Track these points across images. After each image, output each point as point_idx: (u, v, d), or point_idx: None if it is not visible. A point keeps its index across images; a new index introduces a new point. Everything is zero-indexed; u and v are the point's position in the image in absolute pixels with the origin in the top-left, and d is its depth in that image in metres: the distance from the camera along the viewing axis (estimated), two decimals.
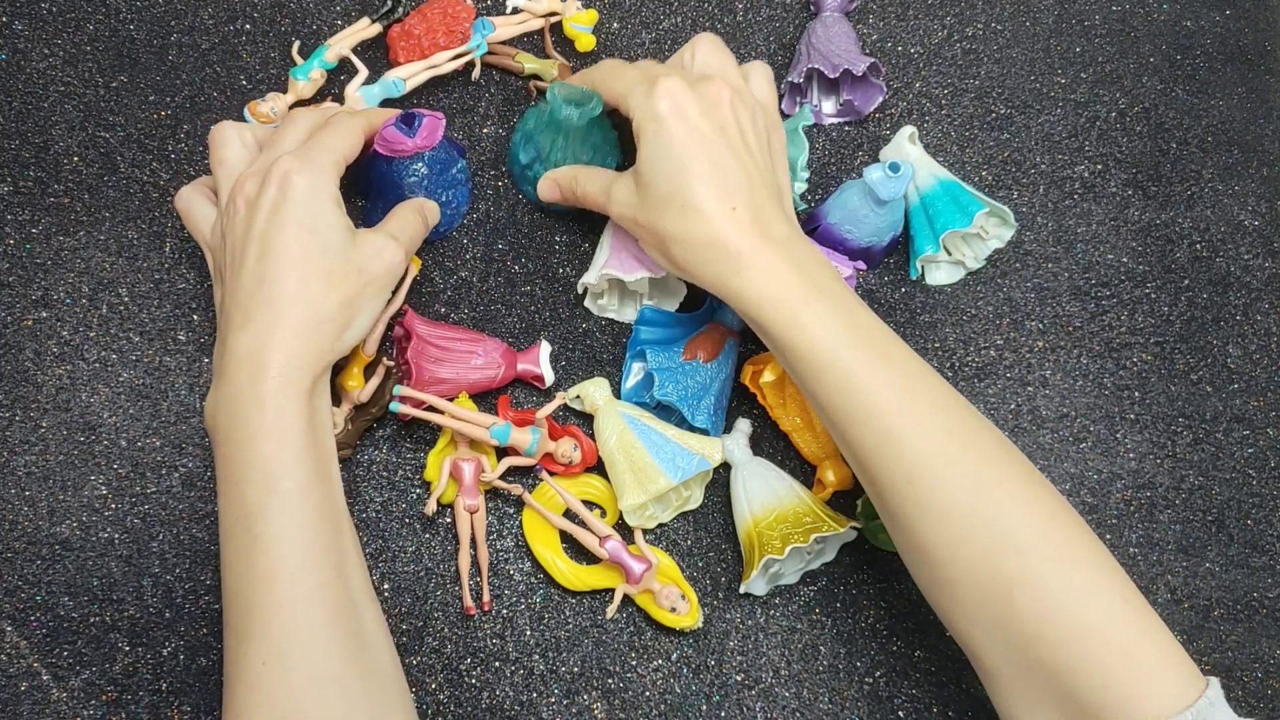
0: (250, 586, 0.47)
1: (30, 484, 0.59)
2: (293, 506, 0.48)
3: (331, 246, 0.51)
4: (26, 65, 0.66)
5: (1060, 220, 0.70)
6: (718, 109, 0.53)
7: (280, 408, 0.49)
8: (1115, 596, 0.46)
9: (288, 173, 0.51)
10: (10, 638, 0.57)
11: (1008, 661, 0.47)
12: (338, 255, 0.51)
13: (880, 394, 0.49)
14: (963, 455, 0.48)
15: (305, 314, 0.50)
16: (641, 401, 0.62)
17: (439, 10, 0.67)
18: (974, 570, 0.47)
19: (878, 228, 0.63)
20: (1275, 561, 0.65)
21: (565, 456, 0.60)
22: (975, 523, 0.47)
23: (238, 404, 0.49)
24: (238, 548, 0.48)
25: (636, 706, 0.59)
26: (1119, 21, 0.75)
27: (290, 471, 0.48)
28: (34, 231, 0.63)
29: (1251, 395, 0.68)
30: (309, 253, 0.50)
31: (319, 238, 0.51)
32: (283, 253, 0.50)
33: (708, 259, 0.51)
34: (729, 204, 0.51)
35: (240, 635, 0.47)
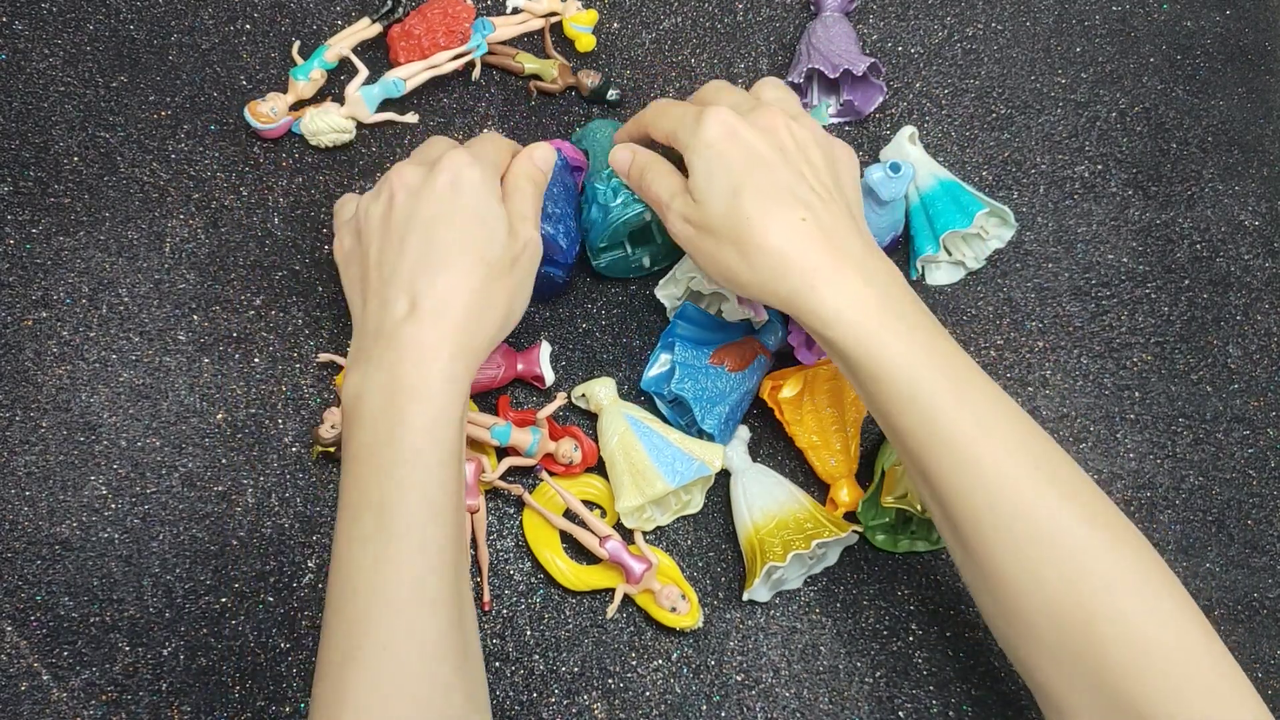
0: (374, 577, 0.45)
1: (30, 484, 0.59)
2: (435, 505, 0.46)
3: (495, 238, 0.51)
4: (26, 65, 0.66)
5: (1060, 220, 0.70)
6: (773, 133, 0.51)
7: (445, 402, 0.47)
8: (1197, 632, 0.45)
9: (463, 164, 0.51)
10: (10, 638, 0.57)
11: (1082, 696, 0.45)
12: (501, 246, 0.51)
13: (962, 422, 0.47)
14: (1048, 487, 0.46)
15: (472, 306, 0.49)
16: (659, 392, 0.62)
17: (439, 10, 0.67)
18: (1054, 602, 0.45)
19: (878, 228, 0.63)
20: (1275, 562, 0.65)
21: (566, 457, 0.60)
22: (1058, 554, 0.45)
23: (396, 392, 0.47)
24: (364, 535, 0.46)
25: (636, 706, 0.59)
26: (1119, 21, 0.75)
27: (434, 473, 0.47)
28: (34, 231, 0.63)
29: (1252, 395, 0.68)
30: (477, 242, 0.50)
31: (487, 229, 0.51)
32: (453, 240, 0.49)
33: (776, 275, 0.48)
34: (796, 215, 0.48)
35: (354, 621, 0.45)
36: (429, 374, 0.47)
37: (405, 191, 0.51)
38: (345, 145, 0.67)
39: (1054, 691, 0.46)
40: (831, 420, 0.62)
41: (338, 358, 0.62)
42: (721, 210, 0.50)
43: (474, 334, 0.49)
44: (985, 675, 0.60)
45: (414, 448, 0.46)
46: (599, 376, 0.62)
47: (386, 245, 0.51)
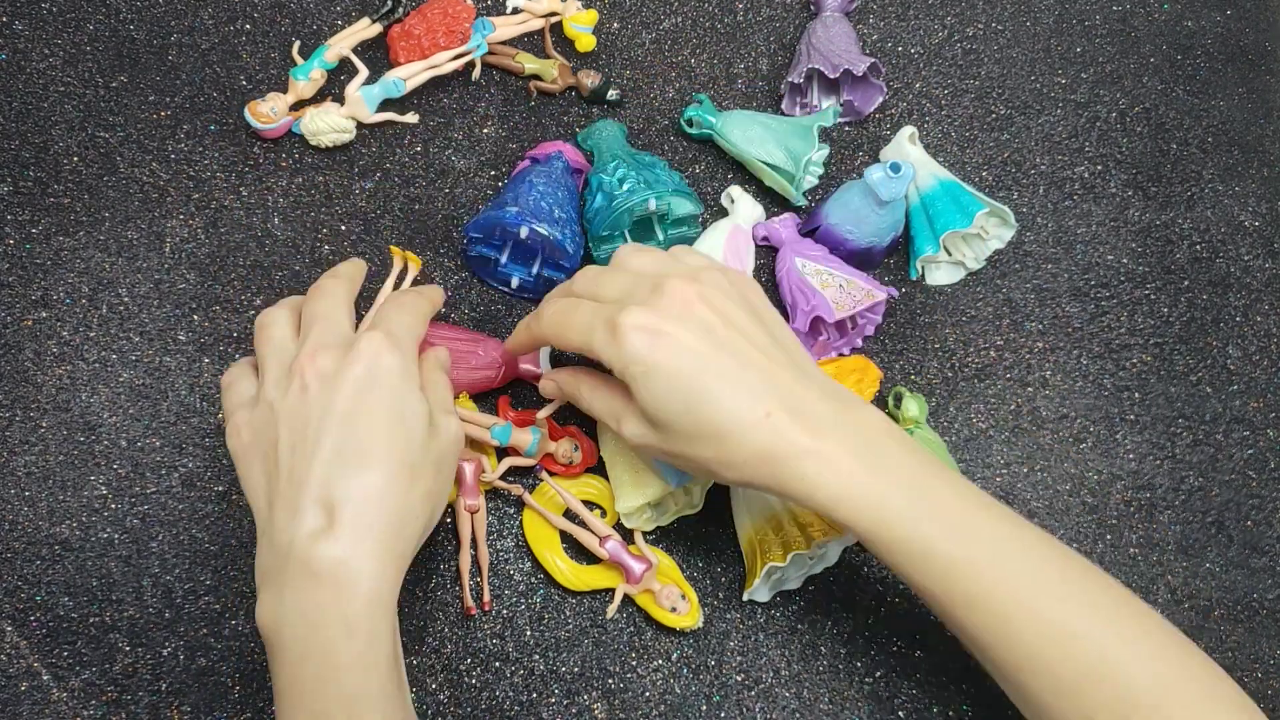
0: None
1: (30, 484, 0.59)
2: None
3: (416, 437, 0.46)
4: (26, 65, 0.66)
5: (1060, 221, 0.70)
6: (691, 313, 0.46)
7: (371, 633, 0.43)
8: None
9: (380, 352, 0.46)
10: (10, 638, 0.57)
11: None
12: (420, 448, 0.47)
13: (982, 574, 0.44)
14: (1084, 624, 0.44)
15: (393, 516, 0.45)
16: None
17: (439, 10, 0.67)
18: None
19: (878, 228, 0.63)
20: (1275, 562, 0.65)
21: (566, 456, 0.60)
22: (1107, 689, 0.44)
23: (319, 625, 0.43)
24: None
25: (636, 707, 0.59)
26: (1119, 21, 0.75)
27: (376, 704, 0.43)
28: (34, 231, 0.63)
29: (1251, 396, 0.68)
30: (396, 444, 0.46)
31: (406, 428, 0.46)
32: (371, 441, 0.45)
33: (762, 474, 0.45)
34: (762, 411, 0.45)
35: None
36: (353, 602, 0.43)
37: (318, 382, 0.46)
38: (345, 145, 0.67)
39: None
40: None
41: None
42: (681, 425, 0.46)
43: (396, 548, 0.45)
44: (985, 676, 0.60)
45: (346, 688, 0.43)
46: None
47: (299, 443, 0.45)
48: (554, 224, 0.59)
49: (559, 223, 0.59)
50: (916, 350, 0.66)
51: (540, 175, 0.62)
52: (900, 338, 0.67)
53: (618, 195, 0.60)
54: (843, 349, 0.65)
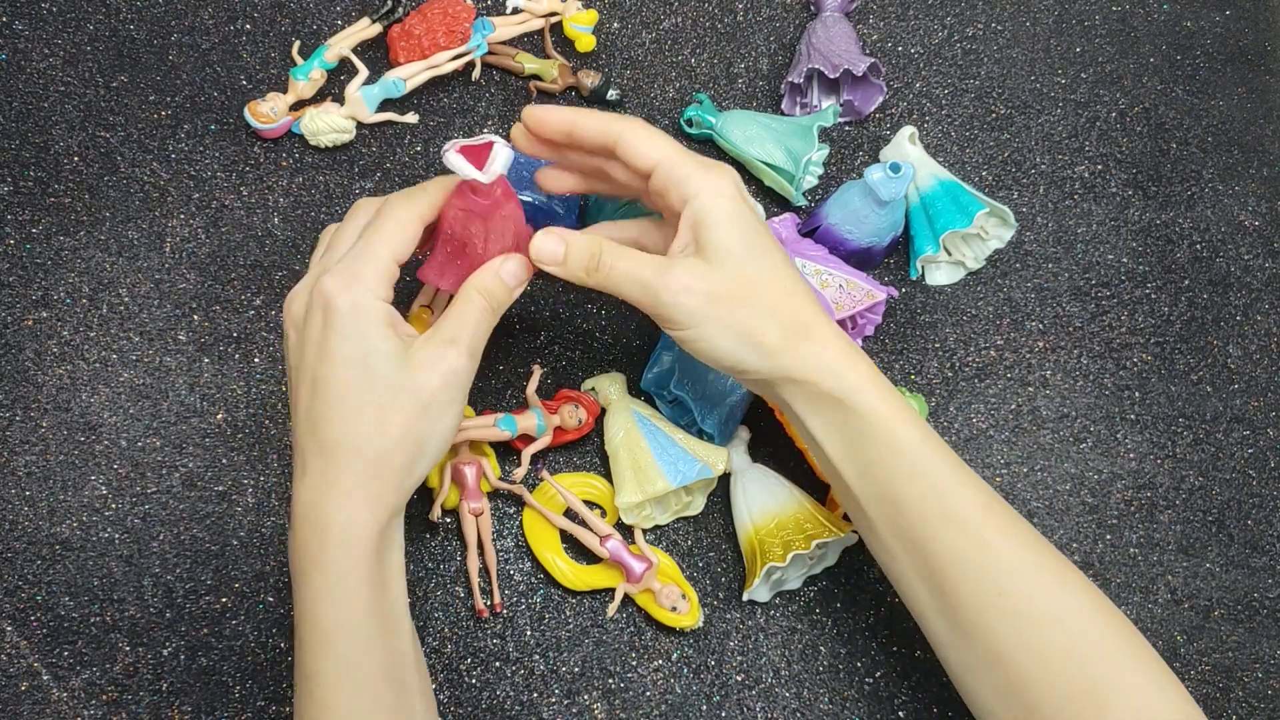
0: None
1: (30, 484, 0.59)
2: (351, 674, 0.45)
3: (379, 377, 0.46)
4: (26, 65, 0.66)
5: (1060, 220, 0.70)
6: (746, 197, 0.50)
7: (342, 570, 0.45)
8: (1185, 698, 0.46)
9: (329, 297, 0.46)
10: (10, 638, 0.57)
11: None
12: (387, 386, 0.46)
13: (969, 498, 0.47)
14: (1048, 562, 0.47)
15: (362, 461, 0.45)
16: (660, 391, 0.62)
17: (439, 10, 0.67)
18: (1063, 681, 0.45)
19: (878, 228, 0.63)
20: (1275, 562, 0.65)
21: (573, 418, 0.60)
22: (1064, 632, 0.46)
23: (301, 560, 0.46)
24: (300, 703, 0.46)
25: (637, 706, 0.59)
26: (1119, 21, 0.75)
27: (348, 635, 0.45)
28: (34, 231, 0.63)
29: (1252, 396, 0.68)
30: (356, 388, 0.45)
31: (365, 369, 0.45)
32: (330, 392, 0.46)
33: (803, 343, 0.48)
34: (812, 299, 0.49)
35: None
36: (322, 540, 0.45)
37: (294, 331, 0.48)
38: (345, 145, 0.67)
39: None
40: None
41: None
42: (749, 274, 0.48)
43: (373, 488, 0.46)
44: None
45: (316, 618, 0.45)
46: (610, 372, 0.63)
47: (292, 392, 0.48)
48: (536, 190, 0.58)
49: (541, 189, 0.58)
50: (916, 350, 0.66)
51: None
52: (900, 338, 0.67)
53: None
54: None
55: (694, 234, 0.48)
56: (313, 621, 0.45)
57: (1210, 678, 0.61)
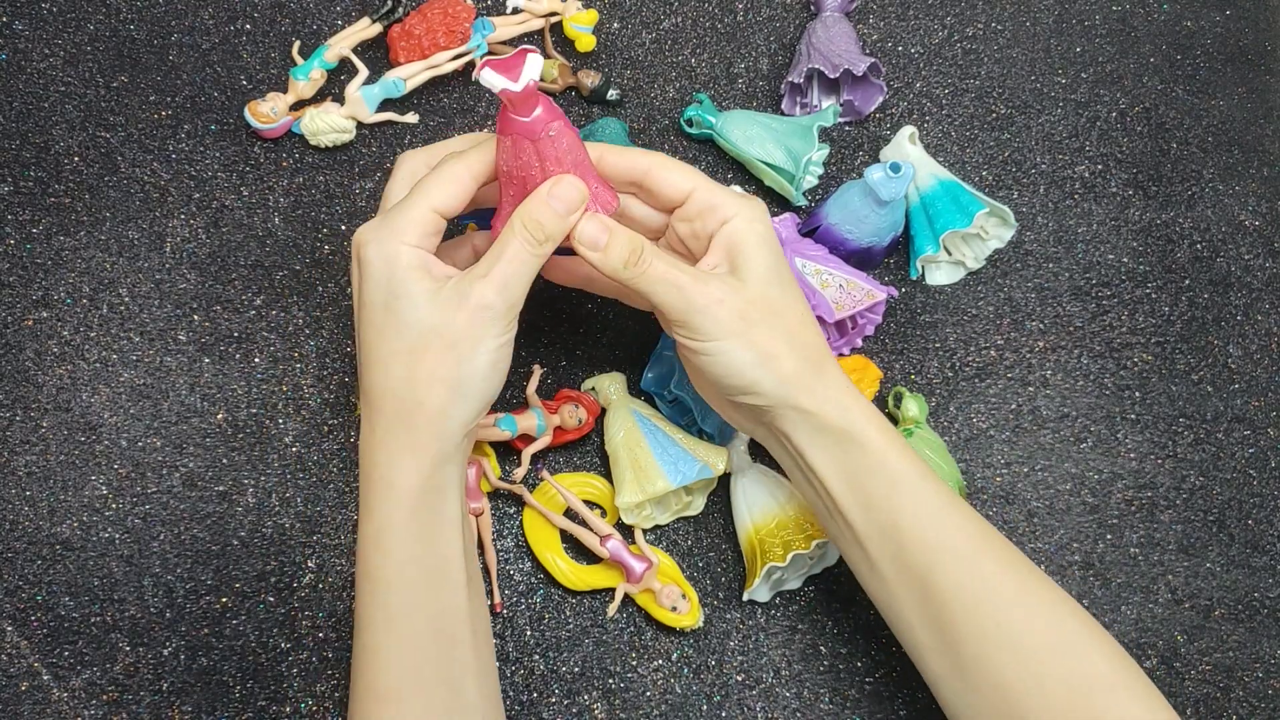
0: (361, 701, 0.46)
1: (30, 484, 0.59)
2: (398, 622, 0.46)
3: (407, 321, 0.45)
4: (27, 65, 0.66)
5: (1060, 220, 0.70)
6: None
7: (384, 520, 0.46)
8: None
9: (358, 245, 0.47)
10: (11, 638, 0.57)
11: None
12: (413, 329, 0.45)
13: (968, 532, 0.48)
14: (1045, 593, 0.48)
15: (395, 405, 0.46)
16: (659, 391, 0.62)
17: (439, 10, 0.67)
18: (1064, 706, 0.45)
19: (878, 228, 0.63)
20: (1276, 562, 0.64)
21: (573, 417, 0.60)
22: (1064, 661, 0.46)
23: (360, 507, 0.47)
24: (356, 654, 0.47)
25: (637, 706, 0.59)
26: (1119, 21, 0.75)
27: (393, 585, 0.46)
28: (34, 231, 0.63)
29: (1252, 395, 0.68)
30: (386, 334, 0.46)
31: (394, 314, 0.46)
32: (365, 339, 0.47)
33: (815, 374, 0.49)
34: (815, 321, 0.51)
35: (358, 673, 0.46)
36: (368, 488, 0.47)
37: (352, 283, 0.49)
38: (345, 145, 0.67)
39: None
40: None
41: None
42: (776, 299, 0.49)
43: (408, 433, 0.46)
44: None
45: (366, 566, 0.47)
46: (610, 372, 0.63)
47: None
48: None
49: None
50: (916, 350, 0.66)
51: None
52: (900, 338, 0.67)
53: None
54: (843, 349, 0.65)
55: (728, 254, 0.49)
56: (364, 567, 0.47)
57: (1210, 677, 0.61)
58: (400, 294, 0.45)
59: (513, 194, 0.48)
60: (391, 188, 0.50)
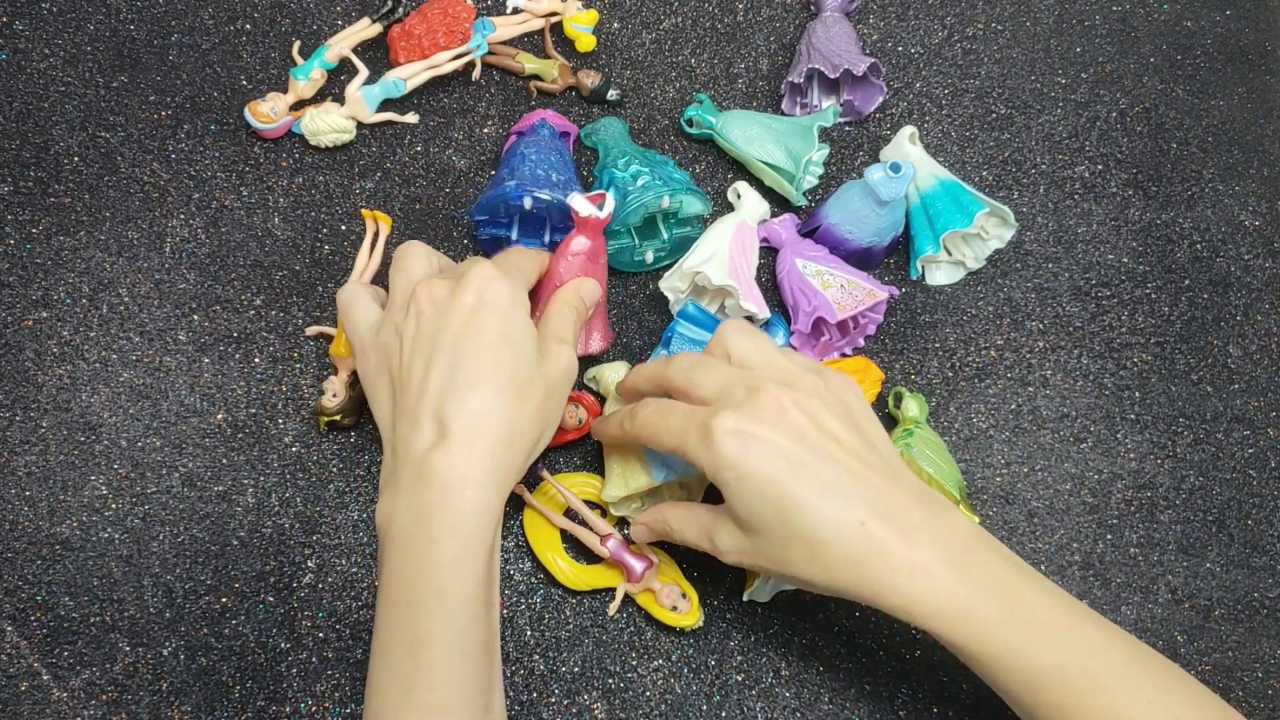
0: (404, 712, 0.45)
1: (30, 484, 0.59)
2: (463, 641, 0.46)
3: (524, 357, 0.49)
4: (27, 65, 0.66)
5: (1060, 220, 0.70)
6: (784, 419, 0.47)
7: (472, 536, 0.46)
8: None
9: (489, 279, 0.50)
10: (10, 638, 0.57)
11: None
12: (529, 366, 0.49)
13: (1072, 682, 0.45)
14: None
15: (502, 430, 0.48)
16: None
17: (439, 10, 0.67)
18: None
19: (879, 228, 0.63)
20: (1276, 562, 0.64)
21: (573, 418, 0.60)
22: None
23: (426, 523, 0.46)
24: (395, 669, 0.46)
25: (637, 706, 0.59)
26: (1119, 21, 0.75)
27: (467, 603, 0.46)
28: (34, 231, 0.63)
29: (1252, 395, 0.68)
30: (504, 364, 0.48)
31: (514, 348, 0.49)
32: (480, 361, 0.48)
33: (856, 579, 0.46)
34: (856, 519, 0.45)
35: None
36: (458, 506, 0.46)
37: (433, 307, 0.50)
38: (345, 145, 0.67)
39: None
40: None
41: (327, 329, 0.63)
42: (774, 531, 0.47)
43: (505, 460, 0.48)
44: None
45: (442, 583, 0.46)
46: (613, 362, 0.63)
47: (414, 362, 0.49)
48: (554, 188, 0.59)
49: (558, 185, 0.60)
50: (916, 350, 0.66)
51: (530, 145, 0.62)
52: (900, 338, 0.67)
53: (632, 190, 0.60)
54: (845, 349, 0.65)
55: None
56: (436, 584, 0.46)
57: (1210, 678, 0.61)
58: (525, 335, 0.50)
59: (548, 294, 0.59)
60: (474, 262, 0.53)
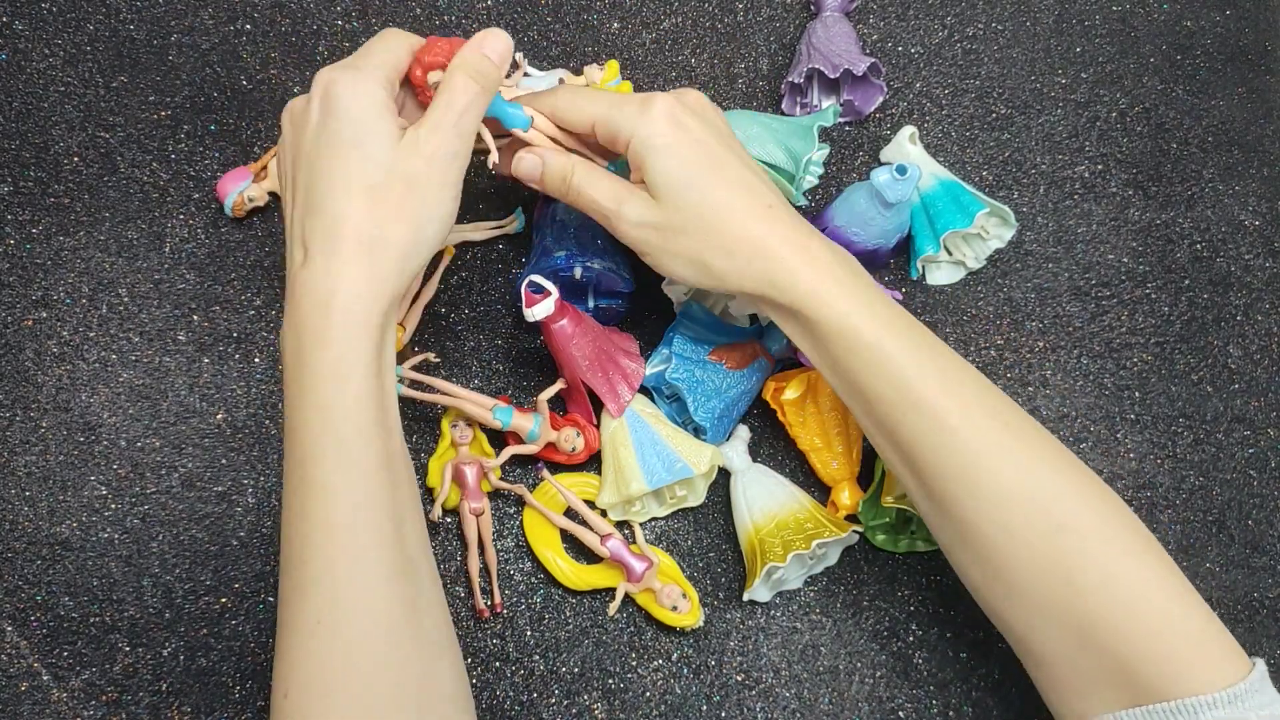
0: (305, 537, 0.45)
1: (30, 484, 0.59)
2: (351, 454, 0.45)
3: (372, 158, 0.47)
4: (26, 65, 0.66)
5: (1060, 220, 0.70)
6: (706, 115, 0.52)
7: (344, 345, 0.45)
8: (1168, 574, 0.47)
9: (328, 84, 0.47)
10: (10, 638, 0.57)
11: (1064, 644, 0.47)
12: (380, 167, 0.47)
13: (930, 384, 0.48)
14: (1015, 443, 0.48)
15: (358, 240, 0.46)
16: (658, 388, 0.62)
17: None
18: (1033, 554, 0.47)
19: (884, 230, 0.63)
20: (1275, 562, 0.64)
21: (569, 443, 0.59)
22: (1033, 506, 0.47)
23: (303, 338, 0.46)
24: (293, 491, 0.46)
25: (636, 707, 0.59)
26: (1119, 21, 0.75)
27: (349, 415, 0.45)
28: (34, 231, 0.63)
29: (1252, 396, 0.68)
30: (351, 170, 0.46)
31: (360, 151, 0.47)
32: (326, 173, 0.47)
33: (755, 261, 0.50)
34: (763, 203, 0.50)
35: (293, 586, 0.45)
36: (326, 319, 0.45)
37: (291, 129, 0.49)
38: None
39: (1036, 642, 0.48)
40: (834, 423, 0.62)
41: None
42: (689, 206, 0.50)
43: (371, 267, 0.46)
44: (985, 676, 0.60)
45: (322, 399, 0.45)
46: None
47: (286, 190, 0.49)
48: (603, 256, 0.59)
49: (607, 253, 0.59)
50: None
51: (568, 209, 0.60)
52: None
53: None
54: None
55: (637, 174, 0.51)
56: (314, 399, 0.45)
57: None
58: (372, 131, 0.47)
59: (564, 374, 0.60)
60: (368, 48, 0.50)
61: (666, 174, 0.50)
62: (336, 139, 0.47)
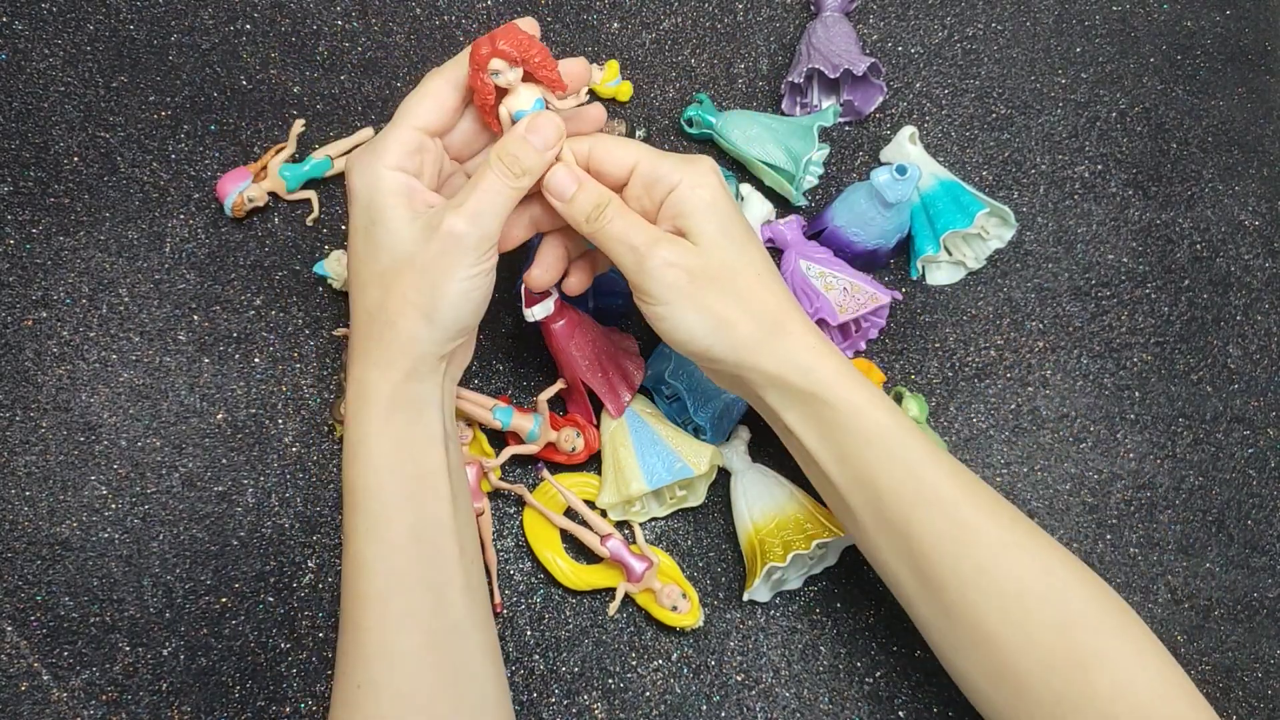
0: (349, 606, 0.47)
1: (30, 484, 0.59)
2: (379, 529, 0.47)
3: (383, 246, 0.47)
4: (26, 65, 0.66)
5: (1060, 220, 0.70)
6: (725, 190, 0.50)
7: (359, 427, 0.47)
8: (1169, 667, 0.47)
9: (348, 170, 0.48)
10: (10, 638, 0.57)
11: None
12: (389, 254, 0.47)
13: (945, 479, 0.48)
14: (1028, 539, 0.48)
15: (369, 325, 0.48)
16: (658, 387, 0.62)
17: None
18: (1048, 653, 0.46)
19: (884, 230, 0.63)
20: (1275, 562, 0.64)
21: (569, 443, 0.59)
22: (1047, 604, 0.46)
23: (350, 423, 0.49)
24: (344, 560, 0.49)
25: (636, 706, 0.59)
26: (1119, 21, 0.75)
27: (376, 493, 0.47)
28: (34, 231, 0.63)
29: (1252, 395, 0.68)
30: (366, 259, 0.48)
31: (372, 239, 0.47)
32: (351, 258, 0.49)
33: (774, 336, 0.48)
34: (780, 280, 0.50)
35: (342, 647, 0.47)
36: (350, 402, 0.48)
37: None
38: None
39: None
40: None
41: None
42: (729, 258, 0.48)
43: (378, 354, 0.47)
44: None
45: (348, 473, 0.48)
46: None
47: None
48: None
49: None
50: (917, 350, 0.66)
51: None
52: (901, 338, 0.67)
53: None
54: (846, 352, 0.65)
55: (674, 222, 0.49)
56: (346, 477, 0.48)
57: (1210, 678, 0.61)
58: (378, 220, 0.47)
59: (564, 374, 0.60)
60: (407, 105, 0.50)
61: (714, 221, 0.49)
62: (355, 224, 0.48)
